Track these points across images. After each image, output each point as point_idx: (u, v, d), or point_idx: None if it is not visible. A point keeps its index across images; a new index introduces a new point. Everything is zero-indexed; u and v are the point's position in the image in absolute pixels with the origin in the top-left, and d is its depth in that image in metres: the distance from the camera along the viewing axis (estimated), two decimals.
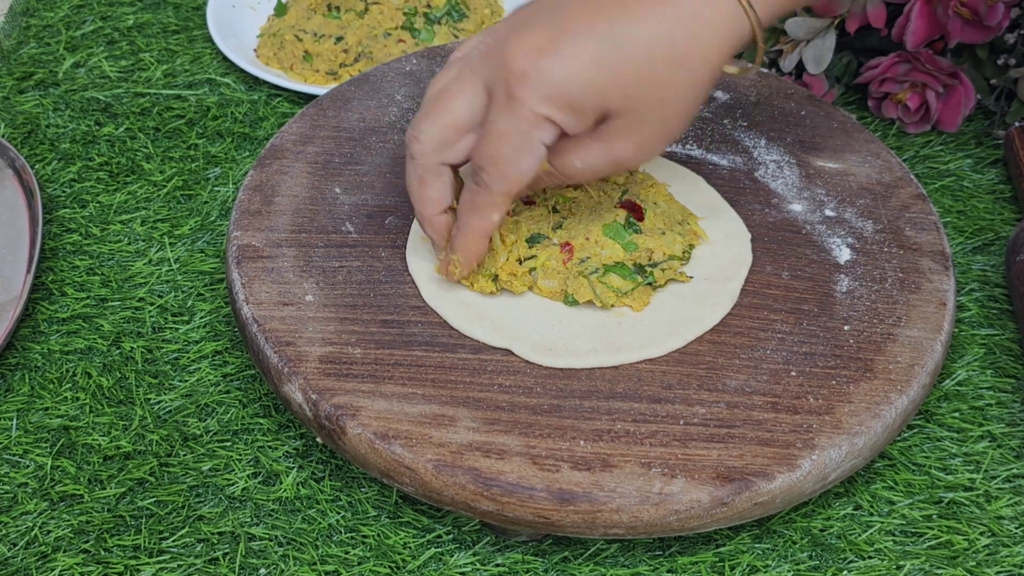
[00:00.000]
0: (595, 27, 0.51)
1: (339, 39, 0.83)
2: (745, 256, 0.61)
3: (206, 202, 0.73)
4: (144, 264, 0.69)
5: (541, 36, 0.52)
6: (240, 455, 0.59)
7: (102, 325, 0.66)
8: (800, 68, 0.78)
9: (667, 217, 0.61)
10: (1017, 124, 0.76)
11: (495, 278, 0.58)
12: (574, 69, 0.51)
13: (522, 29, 0.52)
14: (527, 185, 0.54)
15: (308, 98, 0.81)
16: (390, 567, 0.55)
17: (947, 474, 0.59)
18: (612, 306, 0.58)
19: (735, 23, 0.52)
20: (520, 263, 0.58)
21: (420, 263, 0.60)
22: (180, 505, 0.57)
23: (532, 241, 0.59)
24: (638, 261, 0.58)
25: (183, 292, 0.68)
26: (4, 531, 0.56)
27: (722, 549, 0.55)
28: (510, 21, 0.54)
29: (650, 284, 0.58)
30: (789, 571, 0.54)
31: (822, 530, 0.56)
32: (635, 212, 0.60)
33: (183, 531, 0.56)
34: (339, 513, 0.57)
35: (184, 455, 0.59)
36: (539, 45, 0.51)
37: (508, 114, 0.52)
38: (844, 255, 0.62)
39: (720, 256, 0.61)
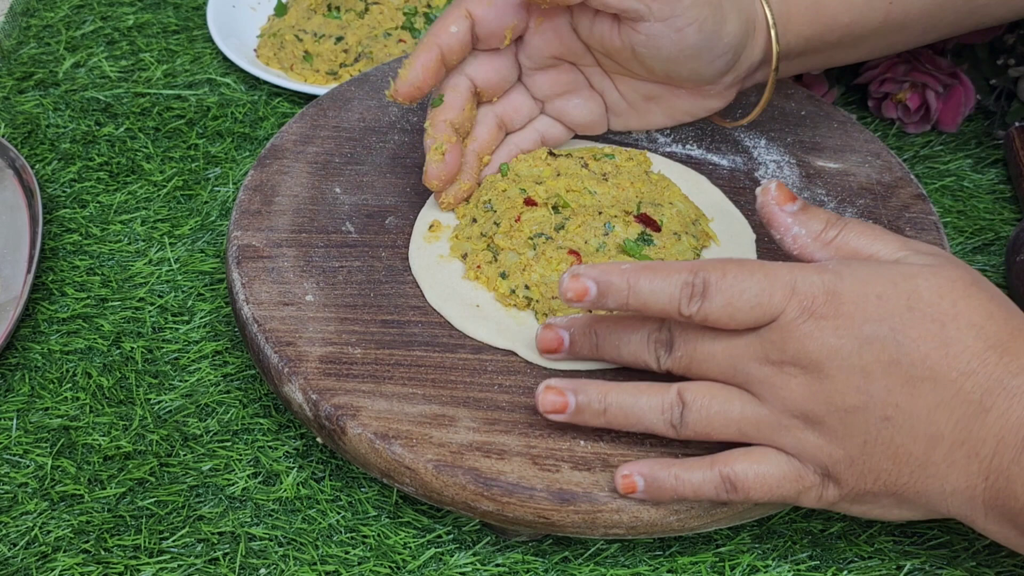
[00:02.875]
0: None
1: (339, 39, 0.83)
2: (750, 256, 0.61)
3: (206, 202, 0.73)
4: (144, 264, 0.69)
5: None
6: (240, 455, 0.59)
7: (102, 325, 0.66)
8: None
9: (683, 218, 0.61)
10: (1017, 124, 0.76)
11: (503, 275, 0.58)
12: None
13: None
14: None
15: (308, 98, 0.81)
16: (390, 567, 0.55)
17: None
18: None
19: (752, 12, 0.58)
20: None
21: (423, 265, 0.60)
22: (180, 505, 0.57)
23: (534, 239, 0.59)
24: None
25: (183, 292, 0.68)
26: (4, 531, 0.56)
27: (722, 549, 0.55)
28: None
29: None
30: (789, 571, 0.54)
31: (822, 530, 0.56)
32: (650, 225, 0.60)
33: (183, 531, 0.56)
34: (339, 513, 0.57)
35: (184, 455, 0.59)
36: None
37: None
38: None
39: (725, 257, 0.61)
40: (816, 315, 0.46)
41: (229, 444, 0.60)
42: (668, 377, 0.51)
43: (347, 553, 0.55)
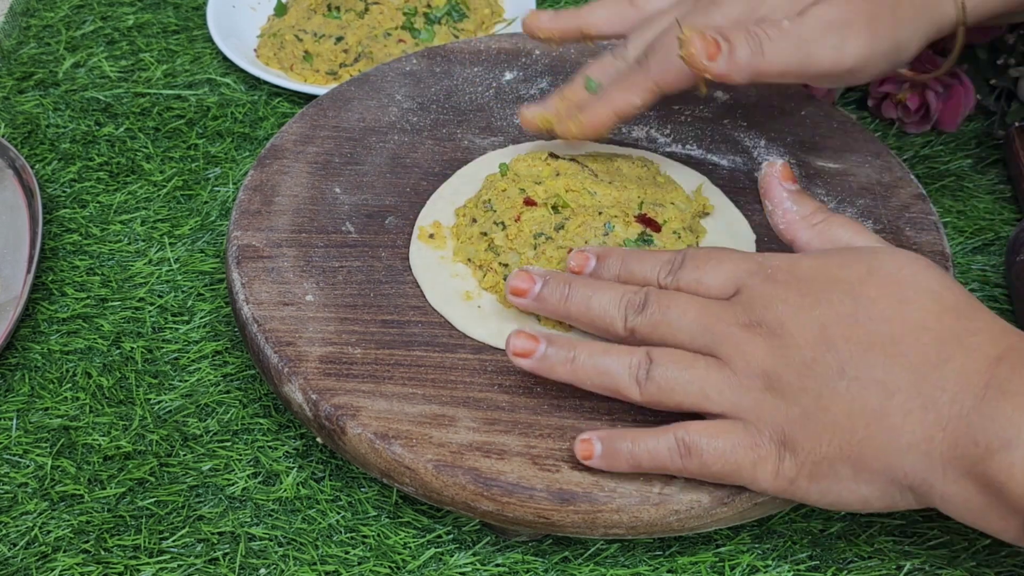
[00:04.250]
0: None
1: (339, 39, 0.83)
2: None
3: (206, 202, 0.73)
4: (144, 264, 0.69)
5: None
6: (240, 455, 0.59)
7: (102, 325, 0.66)
8: None
9: (684, 216, 0.61)
10: (1017, 124, 0.76)
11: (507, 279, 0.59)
12: None
13: None
14: (678, 86, 0.58)
15: (308, 98, 0.81)
16: (390, 567, 0.55)
17: None
18: None
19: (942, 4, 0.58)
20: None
21: (423, 265, 0.60)
22: (180, 505, 0.57)
23: (535, 239, 0.59)
24: None
25: (183, 292, 0.68)
26: (4, 531, 0.56)
27: (722, 549, 0.55)
28: None
29: None
30: (789, 571, 0.54)
31: (822, 530, 0.56)
32: (650, 225, 0.60)
33: (183, 531, 0.56)
34: (339, 513, 0.57)
35: (184, 455, 0.59)
36: None
37: (703, 16, 0.58)
38: None
39: None
40: (779, 281, 0.50)
41: (229, 444, 0.60)
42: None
43: (347, 553, 0.55)
